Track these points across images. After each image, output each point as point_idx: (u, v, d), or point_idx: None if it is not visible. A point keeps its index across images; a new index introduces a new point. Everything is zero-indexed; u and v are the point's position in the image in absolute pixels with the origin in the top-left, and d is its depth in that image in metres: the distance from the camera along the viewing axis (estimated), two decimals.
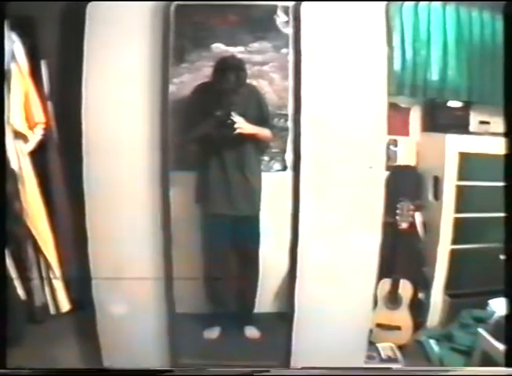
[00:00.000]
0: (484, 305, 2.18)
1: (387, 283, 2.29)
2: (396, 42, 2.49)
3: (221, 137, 2.05)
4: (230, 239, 2.20)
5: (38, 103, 1.88)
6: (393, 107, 2.44)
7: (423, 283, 2.47)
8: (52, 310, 1.95)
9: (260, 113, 2.15)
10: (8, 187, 1.73)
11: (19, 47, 1.84)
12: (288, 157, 2.40)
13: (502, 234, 1.53)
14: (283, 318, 1.83)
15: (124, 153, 1.70)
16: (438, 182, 2.48)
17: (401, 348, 2.24)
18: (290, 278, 1.77)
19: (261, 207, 2.19)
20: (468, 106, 2.65)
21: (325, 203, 1.73)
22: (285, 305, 1.89)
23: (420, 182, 2.60)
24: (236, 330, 2.25)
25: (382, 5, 1.74)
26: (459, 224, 2.43)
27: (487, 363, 1.83)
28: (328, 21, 1.69)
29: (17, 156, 1.83)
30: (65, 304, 1.96)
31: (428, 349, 2.24)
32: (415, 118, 2.70)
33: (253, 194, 2.17)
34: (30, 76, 1.88)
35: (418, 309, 2.40)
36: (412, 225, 2.45)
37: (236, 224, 2.17)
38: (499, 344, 1.76)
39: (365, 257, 1.78)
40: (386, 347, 2.22)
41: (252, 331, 2.25)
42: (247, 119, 2.06)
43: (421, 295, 2.45)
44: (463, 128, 2.60)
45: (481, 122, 2.67)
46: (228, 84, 2.05)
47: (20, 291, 1.87)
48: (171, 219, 1.72)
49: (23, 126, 1.84)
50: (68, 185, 1.92)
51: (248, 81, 2.16)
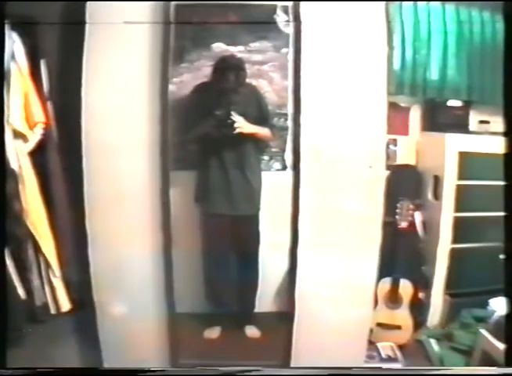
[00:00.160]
0: (485, 304, 2.18)
1: (387, 283, 2.29)
2: (396, 42, 2.48)
3: (221, 136, 2.05)
4: (230, 238, 2.20)
5: (38, 102, 1.88)
6: (393, 107, 2.43)
7: (424, 283, 2.47)
8: (53, 310, 1.95)
9: (260, 113, 2.15)
10: (8, 187, 1.72)
11: (19, 47, 1.84)
12: (288, 156, 2.40)
13: (502, 233, 1.53)
14: (283, 318, 1.83)
15: (123, 152, 1.70)
16: (438, 181, 2.48)
17: (401, 347, 2.25)
18: (290, 278, 1.78)
19: (261, 207, 2.20)
20: (468, 105, 2.65)
21: (324, 202, 1.73)
22: (285, 305, 1.89)
23: (419, 182, 2.60)
24: (237, 330, 2.25)
25: (382, 4, 1.74)
26: (459, 223, 2.43)
27: (487, 362, 1.83)
28: (328, 21, 1.69)
29: (17, 156, 1.83)
30: (65, 303, 1.95)
31: (428, 349, 2.24)
32: (415, 118, 2.70)
33: (253, 194, 2.17)
34: (30, 76, 1.87)
35: (418, 308, 2.40)
36: (412, 224, 2.46)
37: (235, 223, 2.17)
38: (499, 343, 1.76)
39: (365, 256, 1.78)
40: (386, 346, 2.23)
41: (252, 331, 2.25)
42: (247, 118, 2.06)
43: (421, 295, 2.45)
44: (462, 128, 2.60)
45: (481, 121, 2.67)
46: (228, 84, 2.05)
47: (20, 291, 1.86)
48: (171, 219, 1.72)
49: (23, 126, 1.84)
50: (68, 185, 1.92)
51: (248, 80, 2.16)
